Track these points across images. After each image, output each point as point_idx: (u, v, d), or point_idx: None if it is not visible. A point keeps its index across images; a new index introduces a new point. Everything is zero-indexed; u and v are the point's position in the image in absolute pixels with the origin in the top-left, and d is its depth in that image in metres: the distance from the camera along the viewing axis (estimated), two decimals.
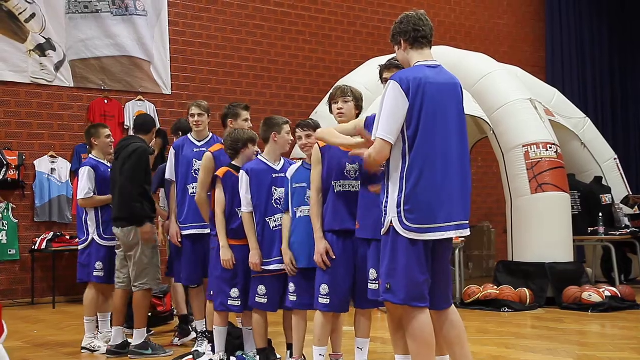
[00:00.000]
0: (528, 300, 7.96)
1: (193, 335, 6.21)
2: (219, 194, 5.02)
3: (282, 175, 4.83)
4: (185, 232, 5.73)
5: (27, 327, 7.51)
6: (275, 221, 4.80)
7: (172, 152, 5.93)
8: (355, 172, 4.36)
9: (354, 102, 4.50)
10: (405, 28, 3.77)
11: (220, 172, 5.08)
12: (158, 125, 8.16)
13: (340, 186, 4.36)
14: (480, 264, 11.93)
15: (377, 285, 3.94)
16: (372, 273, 4.14)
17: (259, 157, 4.98)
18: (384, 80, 4.12)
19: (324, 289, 4.36)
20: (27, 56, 9.70)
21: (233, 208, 5.01)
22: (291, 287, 4.64)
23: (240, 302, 4.99)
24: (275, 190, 4.83)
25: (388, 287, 3.60)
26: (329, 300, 4.35)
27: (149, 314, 6.31)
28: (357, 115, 4.53)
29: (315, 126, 4.73)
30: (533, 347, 5.82)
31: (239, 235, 4.94)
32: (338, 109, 4.47)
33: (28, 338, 6.76)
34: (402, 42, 3.78)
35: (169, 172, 5.90)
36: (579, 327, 6.87)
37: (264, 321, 4.93)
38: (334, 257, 4.33)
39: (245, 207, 4.85)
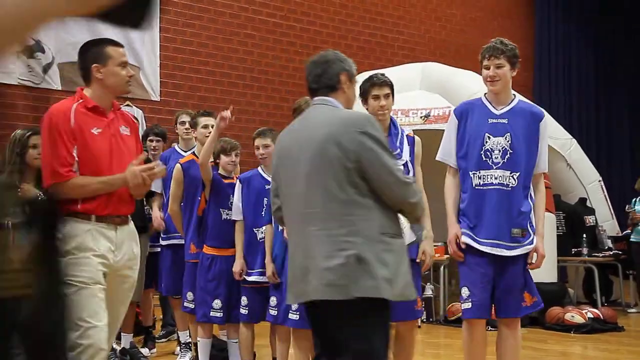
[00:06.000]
0: None
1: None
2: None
3: None
4: (165, 242, 5.65)
5: None
6: (262, 233, 4.78)
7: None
8: None
9: None
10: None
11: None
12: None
13: None
14: None
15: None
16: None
17: (258, 168, 4.93)
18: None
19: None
20: (15, 57, 9.62)
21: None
22: (272, 300, 4.59)
23: (222, 314, 4.95)
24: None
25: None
26: (298, 315, 4.26)
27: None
28: None
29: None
30: None
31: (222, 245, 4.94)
32: None
33: None
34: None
35: (155, 184, 5.74)
36: (561, 347, 6.89)
37: (250, 334, 4.90)
38: None
39: (235, 216, 4.83)
